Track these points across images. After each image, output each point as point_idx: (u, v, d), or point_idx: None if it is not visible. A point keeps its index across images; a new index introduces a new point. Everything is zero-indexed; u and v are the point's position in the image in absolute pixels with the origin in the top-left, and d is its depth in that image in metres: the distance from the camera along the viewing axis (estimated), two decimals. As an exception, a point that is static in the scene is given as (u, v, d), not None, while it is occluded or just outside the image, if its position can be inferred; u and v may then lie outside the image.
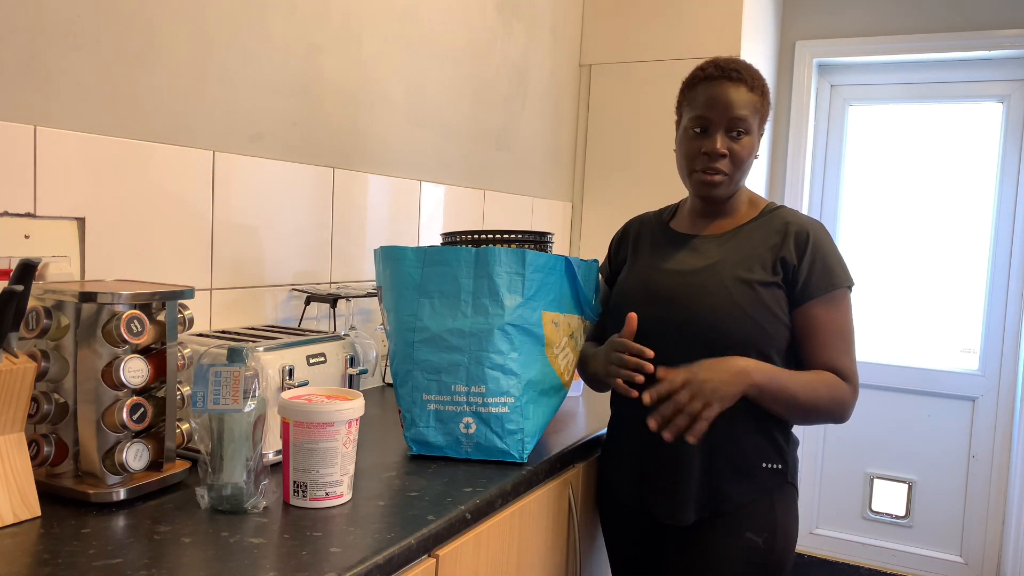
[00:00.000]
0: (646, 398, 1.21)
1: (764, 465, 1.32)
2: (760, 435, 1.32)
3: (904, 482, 3.08)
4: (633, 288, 1.39)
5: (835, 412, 1.29)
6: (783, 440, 1.34)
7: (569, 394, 1.83)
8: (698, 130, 1.32)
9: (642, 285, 1.38)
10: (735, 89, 1.30)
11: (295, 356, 1.23)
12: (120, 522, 0.95)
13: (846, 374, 1.30)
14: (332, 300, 1.62)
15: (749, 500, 1.31)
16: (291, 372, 1.21)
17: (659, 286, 1.35)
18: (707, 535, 1.32)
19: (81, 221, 1.25)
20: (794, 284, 1.30)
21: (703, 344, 1.28)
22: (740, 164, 1.32)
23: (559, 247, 2.85)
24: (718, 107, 1.30)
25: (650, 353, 1.26)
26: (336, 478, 1.05)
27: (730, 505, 1.31)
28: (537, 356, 1.30)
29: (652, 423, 1.21)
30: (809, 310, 1.30)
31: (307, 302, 1.63)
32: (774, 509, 1.32)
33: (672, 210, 1.50)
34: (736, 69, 1.32)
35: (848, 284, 1.32)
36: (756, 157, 1.36)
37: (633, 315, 1.29)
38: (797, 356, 1.34)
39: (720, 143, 1.30)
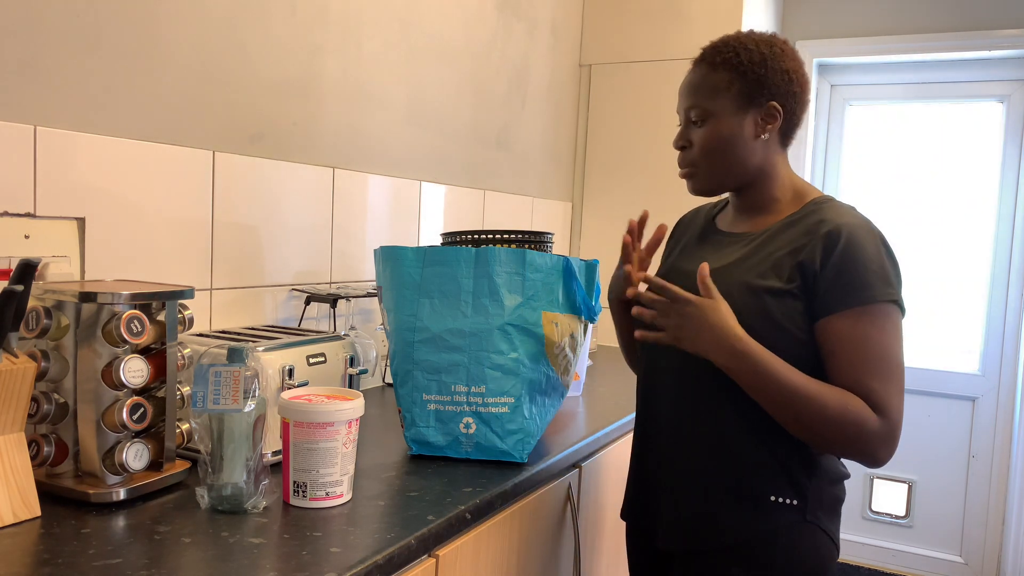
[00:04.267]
0: (641, 287, 1.19)
1: (772, 499, 1.13)
2: (769, 461, 1.14)
3: (904, 482, 3.08)
4: None
5: (849, 440, 1.05)
6: (800, 469, 1.13)
7: (569, 394, 1.83)
8: (679, 126, 1.27)
9: None
10: (694, 73, 1.21)
11: (295, 356, 1.23)
12: (120, 522, 0.95)
13: (875, 400, 1.05)
14: (332, 300, 1.62)
15: (749, 535, 1.14)
16: (291, 372, 1.21)
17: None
18: (694, 567, 1.19)
19: (81, 221, 1.25)
20: (815, 293, 1.10)
21: None
22: (707, 153, 1.19)
23: (559, 247, 2.85)
24: (679, 98, 1.24)
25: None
26: (336, 478, 1.05)
27: (726, 538, 1.15)
28: (537, 356, 1.30)
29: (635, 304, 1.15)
30: (830, 324, 1.08)
31: (307, 302, 1.63)
32: (775, 549, 1.13)
33: (723, 204, 1.36)
34: (707, 49, 1.21)
35: (886, 298, 1.07)
36: (759, 138, 1.17)
37: (663, 226, 1.26)
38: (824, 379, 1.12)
39: (678, 136, 1.23)
